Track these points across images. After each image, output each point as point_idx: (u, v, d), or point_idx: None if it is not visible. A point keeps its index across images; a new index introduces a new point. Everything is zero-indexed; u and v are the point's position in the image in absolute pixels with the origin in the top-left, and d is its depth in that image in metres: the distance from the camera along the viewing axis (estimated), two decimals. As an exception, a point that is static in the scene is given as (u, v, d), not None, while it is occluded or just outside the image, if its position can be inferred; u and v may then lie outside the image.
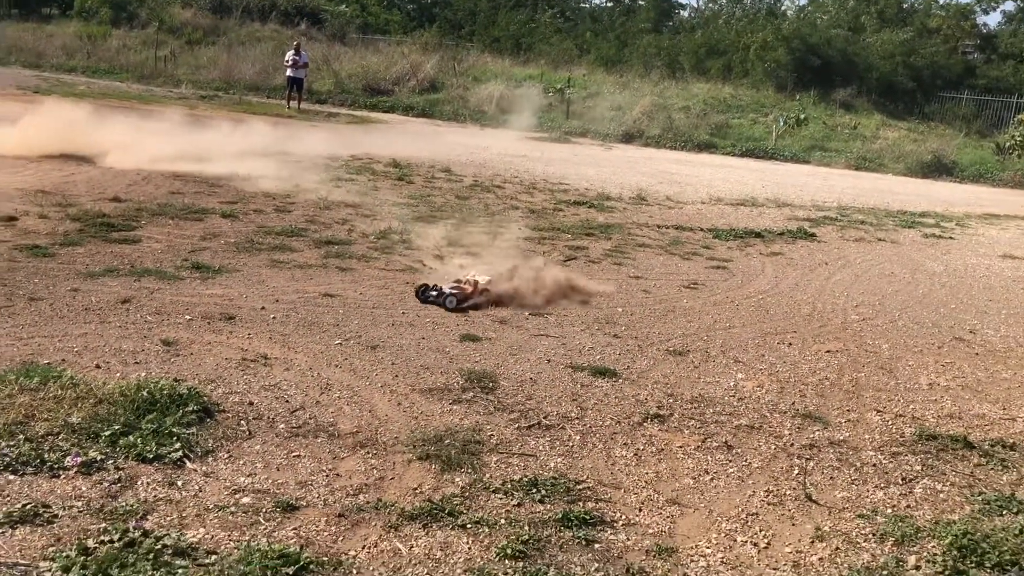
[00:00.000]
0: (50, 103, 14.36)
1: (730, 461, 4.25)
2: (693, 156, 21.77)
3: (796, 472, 4.17)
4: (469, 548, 3.24)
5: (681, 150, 22.73)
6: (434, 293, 6.52)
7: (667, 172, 17.18)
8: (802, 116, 25.14)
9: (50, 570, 2.82)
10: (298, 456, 3.87)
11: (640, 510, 3.68)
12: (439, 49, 30.78)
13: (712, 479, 4.04)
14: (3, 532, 3.02)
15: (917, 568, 3.37)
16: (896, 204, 15.36)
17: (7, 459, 3.46)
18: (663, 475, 4.04)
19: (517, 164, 15.95)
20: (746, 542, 3.49)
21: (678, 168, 18.13)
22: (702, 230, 10.82)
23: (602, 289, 7.42)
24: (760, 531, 3.58)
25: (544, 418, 4.54)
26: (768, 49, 28.58)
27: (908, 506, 3.93)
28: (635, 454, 4.23)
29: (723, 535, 3.53)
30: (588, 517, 3.53)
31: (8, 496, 3.25)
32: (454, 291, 6.49)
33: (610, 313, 6.70)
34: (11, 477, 3.38)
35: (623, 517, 3.60)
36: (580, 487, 3.81)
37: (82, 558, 2.87)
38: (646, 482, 3.95)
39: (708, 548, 3.42)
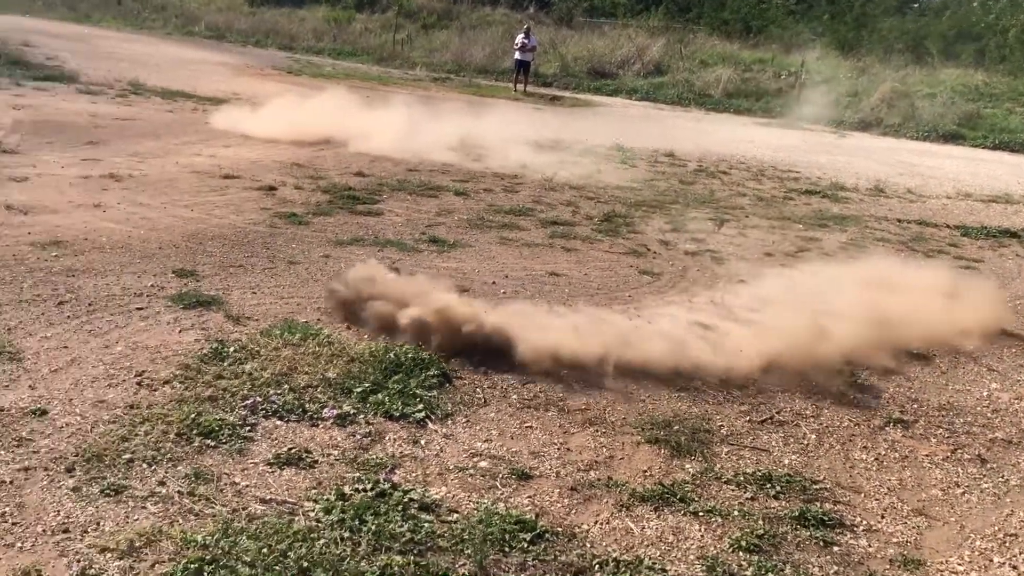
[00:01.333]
0: (331, 90, 15.17)
1: (984, 476, 3.94)
2: (937, 147, 20.20)
3: (1062, 495, 3.80)
4: (701, 536, 3.21)
5: (924, 140, 21.14)
6: None
7: (908, 163, 16.05)
8: (1068, 106, 22.67)
9: (313, 510, 3.07)
10: (530, 427, 3.97)
11: (882, 517, 3.49)
12: (665, 32, 30.34)
13: (964, 493, 3.76)
14: (273, 472, 3.32)
15: None
16: None
17: (275, 406, 3.80)
18: (907, 483, 3.80)
19: (744, 150, 15.47)
20: (1004, 564, 3.23)
21: (920, 159, 16.89)
22: (948, 227, 10.04)
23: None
24: (1021, 555, 3.30)
25: (777, 413, 4.40)
26: (1031, 32, 25.95)
27: None
28: (876, 459, 4.01)
29: (977, 553, 3.28)
30: (826, 518, 3.39)
31: (276, 440, 3.57)
32: None
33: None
34: (278, 423, 3.71)
35: (864, 522, 3.43)
36: (817, 487, 3.67)
37: (340, 503, 3.10)
38: (889, 489, 3.73)
39: (960, 565, 3.19)
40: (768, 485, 3.62)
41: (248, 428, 3.61)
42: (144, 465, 3.24)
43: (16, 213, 6.49)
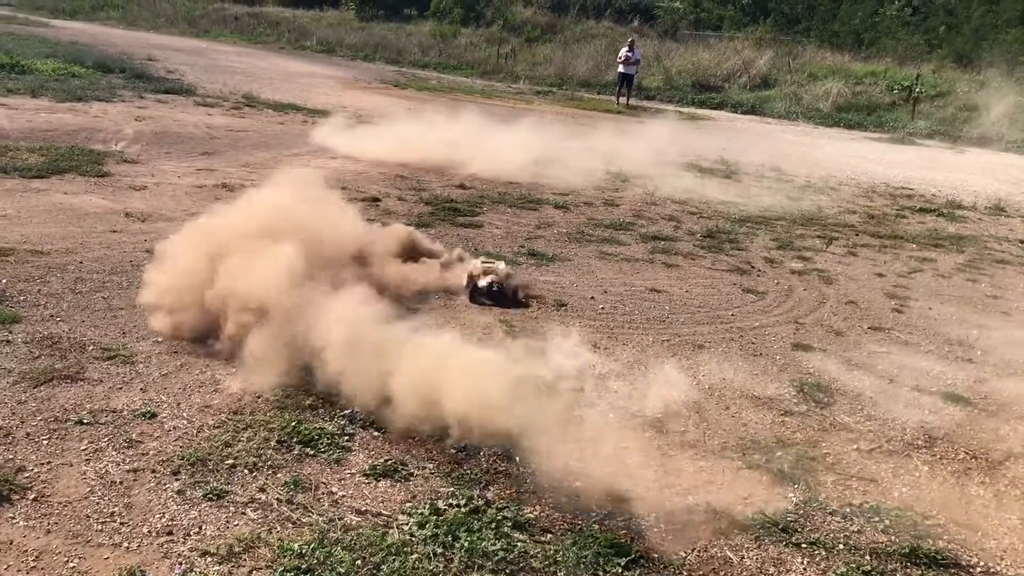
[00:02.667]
0: (470, 112, 15.20)
1: (1116, 520, 3.67)
2: (1064, 164, 19.13)
3: None
4: (804, 569, 3.08)
5: (1050, 157, 20.06)
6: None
7: (1032, 181, 15.25)
8: None
9: (407, 524, 3.07)
10: (626, 448, 3.89)
11: (1002, 559, 3.28)
12: (773, 44, 29.71)
13: (1093, 537, 3.50)
14: (369, 483, 3.35)
15: None
16: None
17: (372, 416, 3.83)
18: (1030, 524, 3.57)
19: (854, 165, 14.98)
20: None
21: (1046, 177, 16.02)
22: (1077, 249, 9.47)
23: None
24: None
25: (887, 442, 4.21)
26: None
27: None
28: (995, 495, 3.79)
29: (1109, 605, 3.05)
30: (939, 556, 3.21)
31: (372, 451, 3.60)
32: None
33: (963, 334, 6.07)
34: (375, 433, 3.74)
35: (981, 563, 3.23)
36: (928, 522, 3.48)
37: (434, 517, 3.10)
38: (1009, 528, 3.51)
39: (1089, 617, 2.97)
40: (876, 518, 3.46)
41: (346, 438, 3.66)
42: (246, 471, 3.31)
43: (134, 220, 6.78)
